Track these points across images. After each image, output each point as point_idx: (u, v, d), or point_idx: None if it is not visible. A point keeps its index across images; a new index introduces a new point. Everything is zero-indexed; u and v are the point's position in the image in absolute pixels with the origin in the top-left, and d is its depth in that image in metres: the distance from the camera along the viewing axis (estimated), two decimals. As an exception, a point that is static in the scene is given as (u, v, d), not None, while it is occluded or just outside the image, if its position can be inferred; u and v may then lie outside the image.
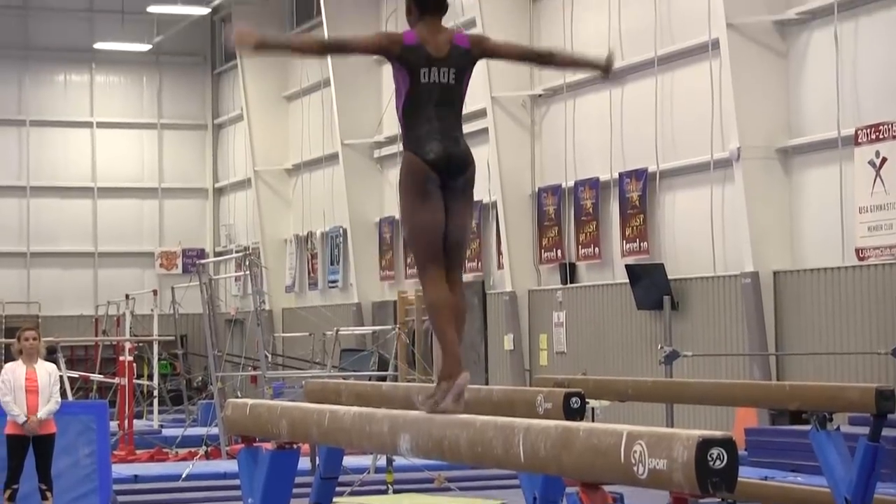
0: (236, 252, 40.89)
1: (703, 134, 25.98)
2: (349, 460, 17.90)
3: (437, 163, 8.11)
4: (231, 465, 18.99)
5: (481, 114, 30.26)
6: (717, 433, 5.34)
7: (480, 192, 28.88)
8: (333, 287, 40.78)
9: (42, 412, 16.58)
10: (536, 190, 30.90)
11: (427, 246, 8.15)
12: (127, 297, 33.09)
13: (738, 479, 5.40)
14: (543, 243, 30.65)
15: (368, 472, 20.30)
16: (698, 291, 26.12)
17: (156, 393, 32.43)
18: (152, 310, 32.92)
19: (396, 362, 27.91)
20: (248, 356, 30.82)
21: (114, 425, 23.68)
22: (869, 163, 22.49)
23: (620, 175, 28.19)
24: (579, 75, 29.39)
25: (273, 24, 43.73)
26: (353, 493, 18.75)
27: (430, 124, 8.19)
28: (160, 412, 32.84)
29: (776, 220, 24.48)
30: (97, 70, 48.65)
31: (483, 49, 8.42)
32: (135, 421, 27.15)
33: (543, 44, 30.60)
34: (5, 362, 17.75)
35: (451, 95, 8.28)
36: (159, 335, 32.12)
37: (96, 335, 38.61)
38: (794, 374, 23.67)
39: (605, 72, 8.71)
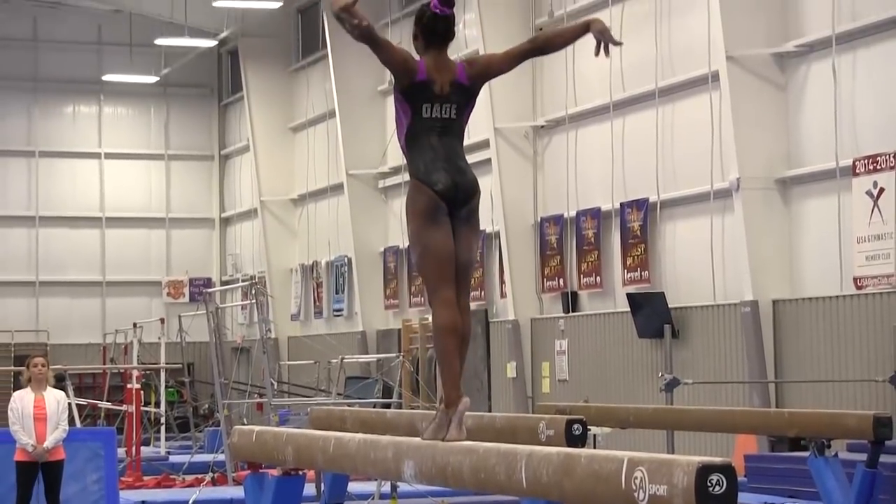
0: (243, 281, 40.87)
1: (703, 164, 26.00)
2: (354, 486, 17.90)
3: (445, 193, 8.15)
4: (237, 492, 19.00)
5: (484, 144, 30.31)
6: (717, 459, 5.36)
7: (483, 222, 28.84)
8: (338, 315, 40.79)
9: (49, 441, 16.60)
10: (539, 220, 30.93)
11: (438, 270, 8.17)
12: (134, 325, 33.08)
13: (738, 504, 5.42)
14: (546, 272, 30.67)
15: (373, 499, 20.29)
16: (698, 320, 26.12)
17: (163, 420, 32.41)
18: (159, 338, 32.92)
19: (401, 390, 27.93)
20: (254, 384, 30.82)
21: (121, 452, 23.68)
22: (867, 193, 22.50)
23: (622, 205, 28.22)
24: (582, 106, 29.50)
25: (280, 56, 43.84)
26: (357, 519, 18.75)
27: (434, 152, 8.23)
28: (167, 439, 32.82)
29: (775, 250, 24.50)
30: (105, 101, 48.72)
31: (482, 77, 8.46)
32: (142, 447, 27.12)
33: (546, 73, 30.72)
34: (14, 390, 17.76)
35: (452, 127, 8.33)
36: (166, 363, 32.14)
37: (104, 363, 38.55)
38: (793, 401, 23.66)
39: (595, 31, 8.76)
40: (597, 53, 8.71)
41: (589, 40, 8.78)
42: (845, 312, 23.01)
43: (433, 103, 8.25)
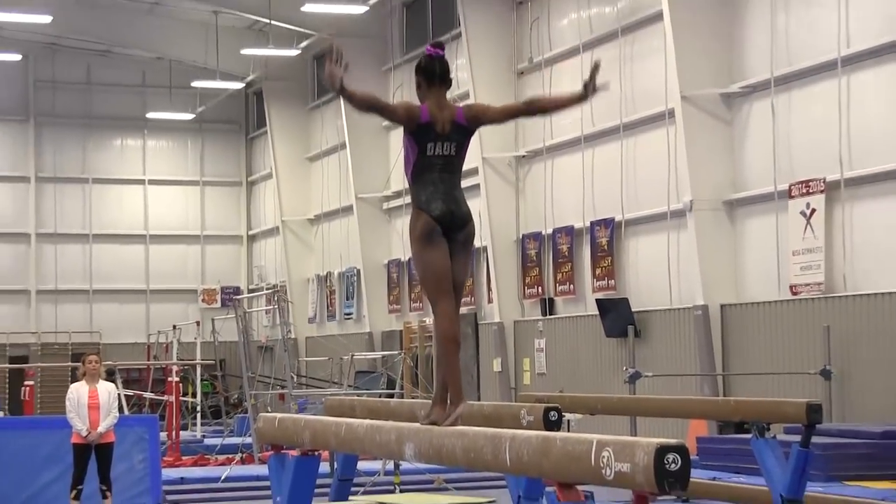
0: (266, 289, 40.86)
1: (661, 188, 26.00)
2: (362, 465, 17.89)
3: (441, 219, 8.14)
4: (262, 469, 18.98)
5: (474, 172, 30.30)
6: (673, 441, 5.35)
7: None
8: (349, 318, 40.74)
9: (102, 426, 16.59)
10: (520, 236, 30.92)
11: (437, 285, 8.17)
12: (174, 327, 33.02)
13: (691, 479, 5.42)
14: (526, 281, 30.66)
15: (379, 475, 20.27)
16: (657, 322, 26.11)
17: (198, 408, 32.37)
18: (195, 338, 32.88)
19: (402, 382, 27.90)
20: (277, 377, 30.76)
21: (163, 436, 23.65)
22: (801, 213, 22.52)
23: (591, 223, 28.21)
24: (557, 139, 29.50)
25: (298, 96, 43.82)
26: (365, 493, 18.73)
27: (435, 187, 8.22)
28: (202, 424, 32.80)
29: (723, 262, 24.50)
30: (149, 136, 48.70)
31: (478, 121, 8.45)
32: (181, 432, 27.09)
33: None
34: (71, 383, 17.72)
35: (453, 163, 8.31)
36: (201, 359, 32.09)
37: (148, 359, 38.48)
38: (738, 391, 23.64)
39: (584, 97, 8.82)
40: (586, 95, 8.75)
41: (565, 83, 8.83)
42: (782, 315, 23.02)
43: (436, 142, 8.24)
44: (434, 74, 8.32)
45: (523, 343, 30.63)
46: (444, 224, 8.18)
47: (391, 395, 25.51)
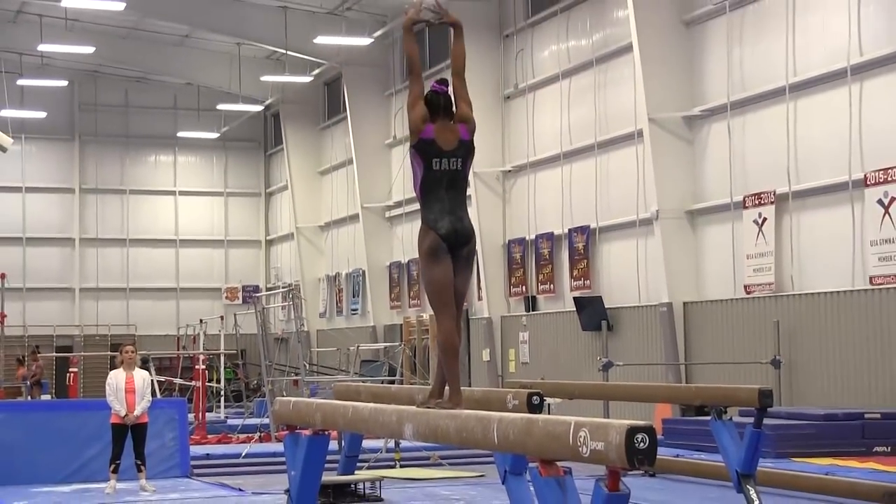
0: (282, 288, 40.79)
1: (631, 199, 26.02)
2: (367, 443, 17.87)
3: (447, 237, 8.14)
4: (278, 447, 18.96)
5: (465, 185, 30.24)
6: (641, 422, 5.35)
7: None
8: (355, 314, 40.73)
9: (137, 409, 16.60)
10: (507, 241, 30.92)
11: (441, 296, 8.17)
12: (201, 321, 33.04)
13: (657, 456, 5.41)
14: (512, 281, 30.65)
15: (381, 452, 20.25)
16: (627, 317, 26.12)
17: (222, 393, 32.34)
18: (219, 330, 32.87)
19: (402, 370, 27.86)
20: (291, 365, 30.76)
21: (191, 417, 23.62)
22: (754, 221, 22.55)
23: (570, 230, 28.22)
24: (540, 155, 29.52)
25: (311, 117, 43.81)
26: (370, 468, 18.71)
27: (442, 204, 8.21)
28: (225, 407, 32.77)
29: (685, 264, 24.51)
30: (179, 152, 48.68)
31: (473, 124, 8.47)
32: (206, 413, 27.06)
33: (512, 131, 30.71)
34: (110, 370, 17.71)
35: (458, 178, 8.30)
36: (225, 349, 32.08)
37: (178, 349, 38.48)
38: (699, 378, 23.65)
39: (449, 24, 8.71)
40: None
41: (546, 107, 8.73)
42: (737, 311, 23.03)
43: (441, 157, 8.23)
44: (439, 107, 8.35)
45: (509, 336, 30.62)
46: (449, 241, 8.17)
47: (392, 382, 25.49)
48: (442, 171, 8.24)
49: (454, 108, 8.46)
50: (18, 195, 46.41)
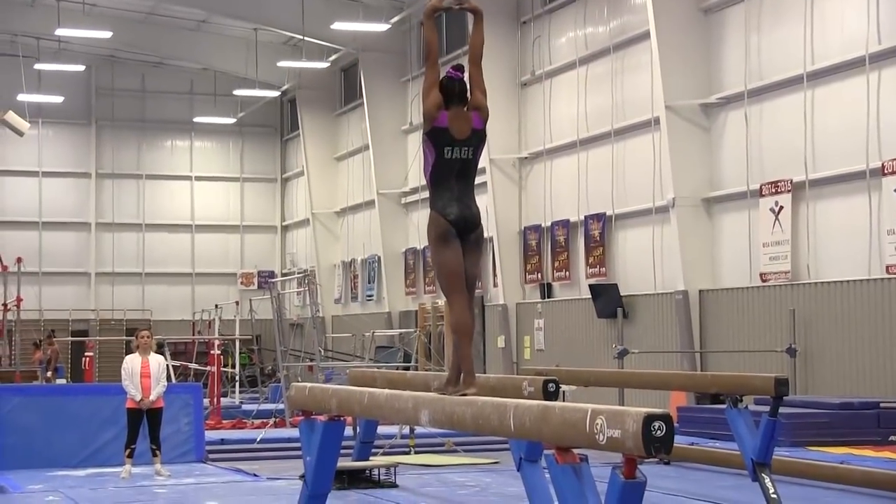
0: (298, 273, 40.88)
1: (647, 187, 25.99)
2: (382, 429, 17.90)
3: (456, 223, 8.14)
4: (293, 432, 18.97)
5: (482, 171, 30.24)
6: (659, 410, 5.34)
7: (480, 230, 28.84)
8: (370, 300, 40.76)
9: (153, 394, 16.64)
10: (523, 228, 30.91)
11: (453, 279, 8.17)
12: (216, 306, 33.08)
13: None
14: (528, 268, 30.64)
15: (396, 438, 20.27)
16: (643, 304, 26.10)
17: (237, 378, 32.41)
18: (235, 316, 32.90)
19: (417, 356, 27.91)
20: (306, 351, 30.81)
21: (206, 402, 23.66)
22: (770, 210, 22.51)
23: (585, 217, 28.20)
24: (556, 142, 29.50)
25: (327, 103, 43.79)
26: (384, 454, 18.73)
27: (451, 192, 8.22)
28: (240, 392, 32.83)
29: (701, 252, 24.48)
30: (196, 137, 48.69)
31: (486, 112, 8.46)
32: (221, 398, 27.11)
33: (529, 118, 30.69)
34: (126, 354, 17.75)
35: (468, 167, 8.31)
36: (240, 335, 32.12)
37: (193, 334, 38.53)
38: (714, 366, 23.64)
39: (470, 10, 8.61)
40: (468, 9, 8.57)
41: (563, 94, 8.69)
42: (753, 299, 23.01)
43: (453, 146, 8.23)
44: (453, 94, 8.34)
45: (524, 323, 30.62)
46: (458, 227, 8.18)
47: (407, 368, 25.54)
48: (453, 159, 8.25)
49: (468, 95, 8.44)
50: (35, 179, 46.50)
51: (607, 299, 26.49)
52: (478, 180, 30.01)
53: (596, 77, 28.23)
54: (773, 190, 22.49)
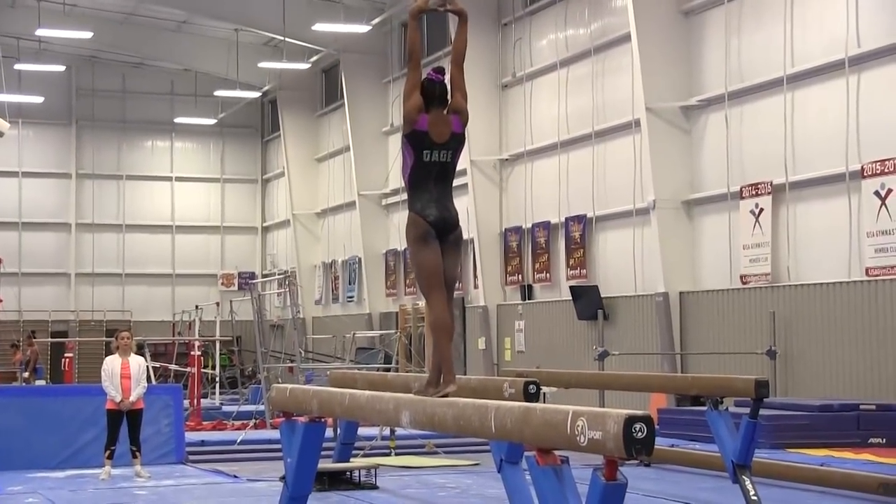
0: (279, 274, 40.82)
1: (628, 189, 26.02)
2: (363, 431, 17.88)
3: (435, 223, 8.15)
4: (274, 434, 18.96)
5: (463, 173, 30.28)
6: (639, 412, 5.34)
7: (462, 231, 28.84)
8: (350, 301, 40.73)
9: (133, 395, 16.62)
10: (503, 230, 30.92)
11: (431, 278, 8.17)
12: (196, 307, 32.97)
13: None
14: (508, 270, 30.65)
15: (377, 440, 20.26)
16: (623, 306, 26.12)
17: (217, 379, 32.34)
18: (215, 317, 32.80)
19: (398, 358, 27.89)
20: (287, 352, 30.76)
21: (186, 403, 23.61)
22: (750, 212, 22.55)
23: (566, 219, 28.21)
24: (537, 144, 29.51)
25: (308, 104, 43.77)
26: (365, 455, 18.72)
27: (430, 194, 8.22)
28: (221, 393, 32.75)
29: (681, 254, 24.51)
30: (176, 138, 48.64)
31: (466, 114, 8.44)
32: (202, 400, 27.06)
33: (510, 119, 30.71)
34: (106, 356, 17.71)
35: (447, 170, 8.31)
36: (220, 336, 32.04)
37: (173, 335, 38.47)
38: (694, 368, 23.66)
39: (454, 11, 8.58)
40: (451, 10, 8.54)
41: (544, 96, 8.70)
42: (733, 301, 23.04)
43: (432, 150, 8.22)
44: (434, 96, 8.32)
45: (505, 324, 30.62)
46: (437, 228, 8.18)
47: (388, 369, 25.52)
48: (432, 162, 8.25)
49: (449, 98, 8.43)
50: (15, 180, 46.40)
51: (588, 301, 26.51)
52: (458, 182, 30.01)
53: (577, 79, 28.26)
54: (754, 192, 22.53)
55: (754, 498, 11.97)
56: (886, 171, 19.59)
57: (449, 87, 8.46)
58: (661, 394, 22.07)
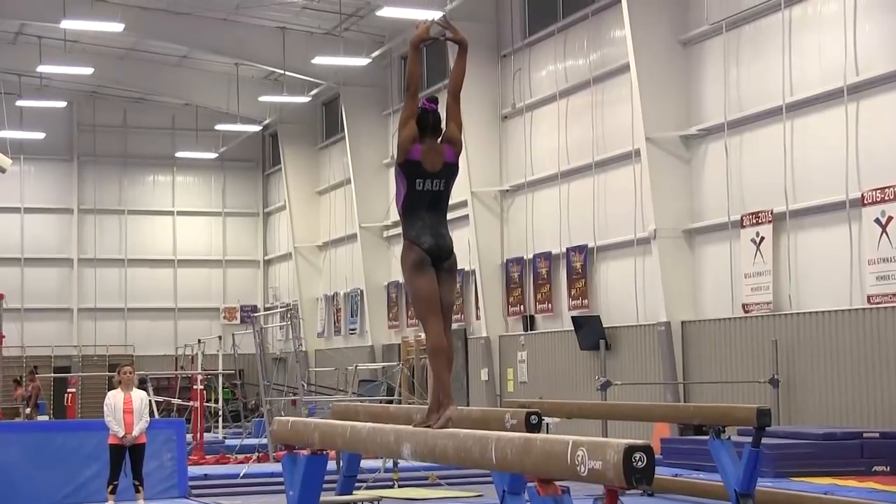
0: (281, 307, 40.82)
1: (629, 219, 26.02)
2: (365, 463, 17.85)
3: (430, 250, 8.14)
4: (277, 467, 18.92)
5: (463, 204, 30.30)
6: (639, 441, 5.33)
7: (463, 262, 28.89)
8: (353, 333, 40.70)
9: (136, 430, 16.57)
10: (505, 260, 30.91)
11: (427, 303, 8.15)
12: (199, 341, 32.98)
13: (655, 476, 5.39)
14: (510, 300, 30.63)
15: (380, 472, 20.22)
16: (625, 336, 26.09)
17: (220, 413, 32.30)
18: (218, 350, 32.82)
19: (400, 390, 27.85)
20: (289, 385, 30.73)
21: (189, 437, 23.58)
22: (751, 240, 22.55)
23: (567, 249, 28.21)
24: (538, 175, 29.53)
25: (309, 137, 43.85)
26: (368, 488, 18.68)
27: (423, 222, 8.21)
28: (223, 427, 32.72)
29: (683, 283, 24.49)
30: (177, 172, 48.71)
31: (459, 145, 8.44)
32: (205, 433, 27.03)
33: (510, 150, 30.73)
34: (108, 390, 17.69)
35: (440, 199, 8.29)
36: (223, 369, 32.03)
37: (176, 369, 38.44)
38: (697, 397, 23.62)
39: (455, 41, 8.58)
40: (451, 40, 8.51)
41: (544, 127, 8.70)
42: (735, 330, 23.01)
43: (425, 179, 8.22)
44: (427, 125, 8.31)
45: (507, 355, 30.59)
46: (432, 255, 8.18)
47: (391, 402, 25.47)
48: (425, 191, 8.25)
49: (443, 127, 8.43)
50: (17, 216, 46.45)
51: (590, 331, 26.49)
52: (460, 213, 30.21)
53: (576, 109, 28.30)
54: (754, 221, 22.53)
55: (758, 527, 11.95)
56: (887, 198, 19.60)
57: (444, 117, 8.45)
58: (664, 423, 22.03)
